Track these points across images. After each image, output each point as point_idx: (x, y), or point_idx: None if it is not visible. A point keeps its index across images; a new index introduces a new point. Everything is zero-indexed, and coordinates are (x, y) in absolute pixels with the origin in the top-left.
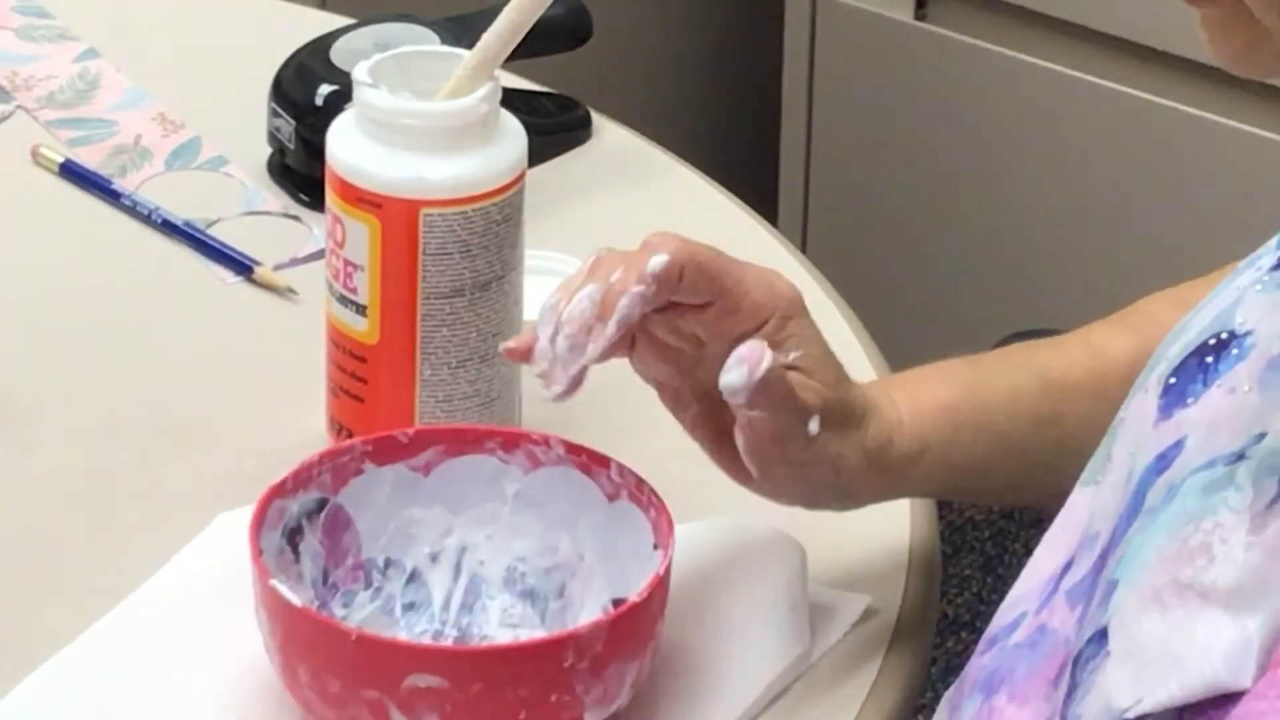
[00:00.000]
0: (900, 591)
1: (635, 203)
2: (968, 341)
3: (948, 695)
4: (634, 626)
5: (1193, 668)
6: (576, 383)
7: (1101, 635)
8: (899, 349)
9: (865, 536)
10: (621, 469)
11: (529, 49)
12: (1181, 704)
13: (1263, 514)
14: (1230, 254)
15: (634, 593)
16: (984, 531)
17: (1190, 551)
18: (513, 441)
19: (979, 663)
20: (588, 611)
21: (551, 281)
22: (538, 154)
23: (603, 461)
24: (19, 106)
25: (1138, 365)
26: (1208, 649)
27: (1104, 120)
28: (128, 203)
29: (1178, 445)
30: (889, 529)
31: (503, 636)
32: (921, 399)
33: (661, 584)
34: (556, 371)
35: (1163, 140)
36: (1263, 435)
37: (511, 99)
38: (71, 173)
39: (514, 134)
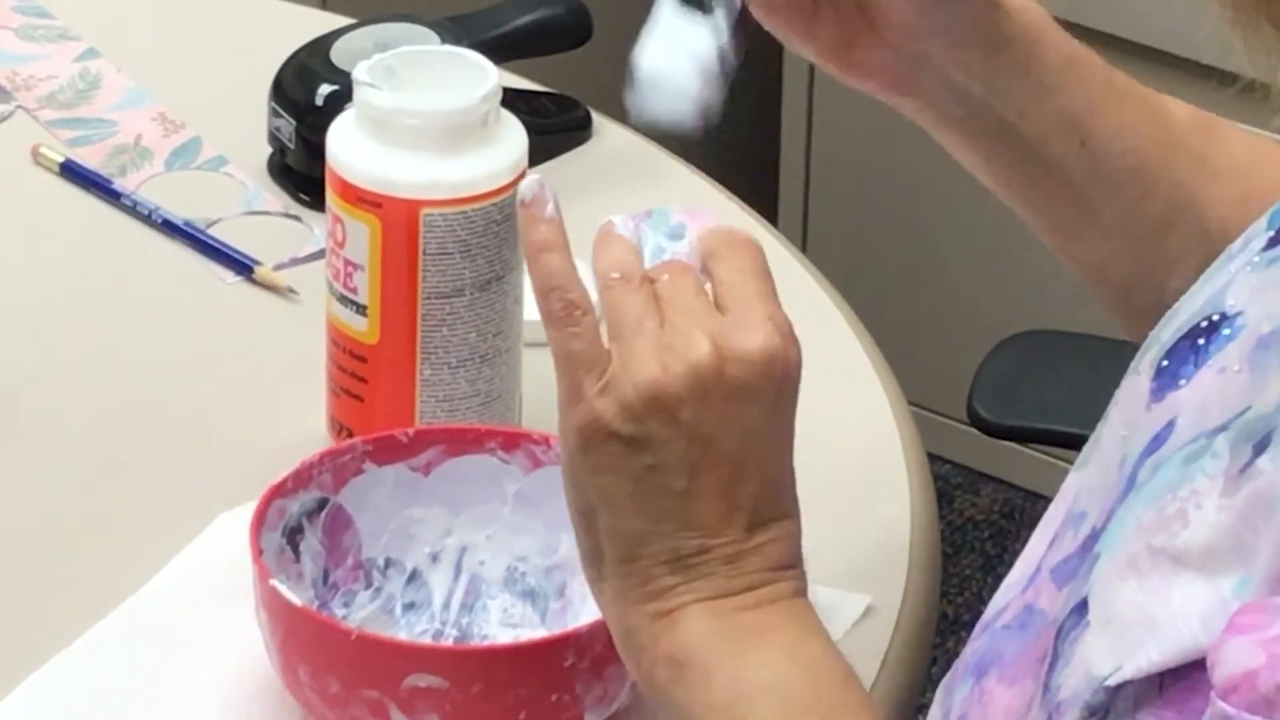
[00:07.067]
0: (900, 591)
1: (635, 203)
2: (968, 342)
3: (943, 683)
4: None
5: (1169, 632)
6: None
7: (1082, 606)
8: (899, 349)
9: (865, 536)
10: None
11: (529, 49)
12: (1161, 669)
13: (1236, 478)
14: None
15: None
16: (984, 531)
17: (1167, 519)
18: (513, 441)
19: (971, 648)
20: (588, 611)
21: None
22: (538, 154)
23: None
24: (19, 106)
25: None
26: (1184, 613)
27: None
28: (128, 203)
29: (1169, 426)
30: (889, 529)
31: (503, 636)
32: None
33: None
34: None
35: None
36: (1247, 409)
37: (511, 99)
38: (71, 173)
39: (514, 134)
